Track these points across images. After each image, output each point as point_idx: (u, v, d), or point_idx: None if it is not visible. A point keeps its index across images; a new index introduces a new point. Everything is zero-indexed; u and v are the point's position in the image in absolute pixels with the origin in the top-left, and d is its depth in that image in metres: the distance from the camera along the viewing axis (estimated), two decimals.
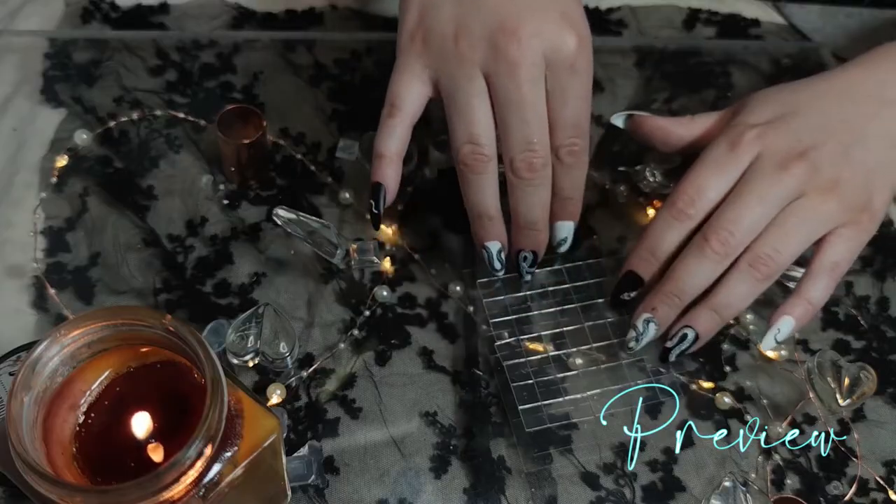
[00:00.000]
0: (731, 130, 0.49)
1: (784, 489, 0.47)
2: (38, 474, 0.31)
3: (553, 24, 0.46)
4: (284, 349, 0.47)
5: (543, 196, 0.48)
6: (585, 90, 0.48)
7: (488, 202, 0.48)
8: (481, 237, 0.49)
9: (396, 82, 0.48)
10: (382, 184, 0.48)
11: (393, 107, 0.48)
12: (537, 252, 0.50)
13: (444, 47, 0.47)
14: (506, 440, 0.47)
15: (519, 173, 0.47)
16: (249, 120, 0.55)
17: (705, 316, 0.48)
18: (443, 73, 0.47)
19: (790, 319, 0.48)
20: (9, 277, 0.51)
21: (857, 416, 0.50)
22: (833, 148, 0.48)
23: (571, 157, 0.48)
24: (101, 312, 0.35)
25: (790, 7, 0.69)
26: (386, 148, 0.48)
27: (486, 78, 0.46)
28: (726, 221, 0.47)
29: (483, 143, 0.47)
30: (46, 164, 0.56)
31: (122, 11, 0.64)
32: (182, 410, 0.36)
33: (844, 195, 0.48)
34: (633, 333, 0.49)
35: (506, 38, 0.45)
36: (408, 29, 0.48)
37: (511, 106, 0.46)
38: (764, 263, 0.47)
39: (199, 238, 0.54)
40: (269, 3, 0.65)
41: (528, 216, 0.48)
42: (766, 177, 0.47)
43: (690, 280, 0.47)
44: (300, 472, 0.45)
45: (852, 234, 0.48)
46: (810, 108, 0.50)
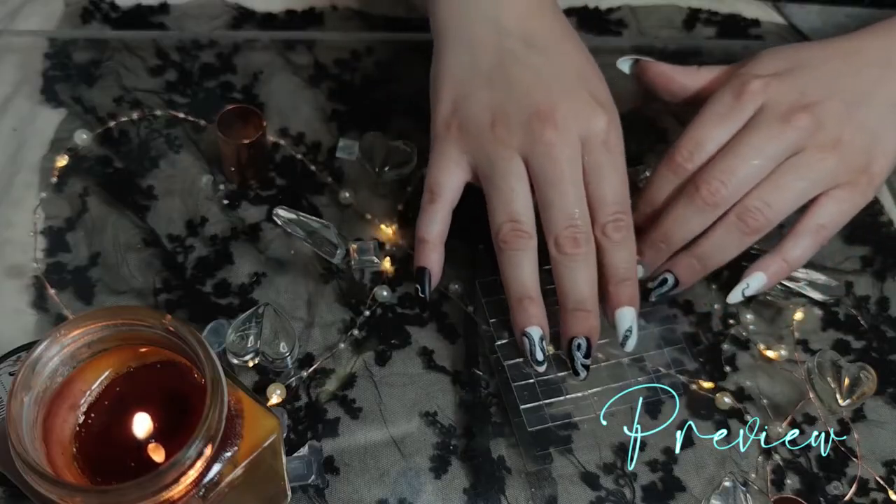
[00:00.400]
0: (736, 80, 0.49)
1: (784, 489, 0.47)
2: (38, 474, 0.31)
3: (584, 105, 0.47)
4: (284, 349, 0.47)
5: (590, 272, 0.47)
6: (621, 166, 0.48)
7: (528, 281, 0.47)
8: (522, 322, 0.47)
9: (435, 169, 0.49)
10: (427, 269, 0.48)
11: (433, 193, 0.48)
12: (591, 339, 0.47)
13: (481, 134, 0.47)
14: (506, 440, 0.47)
15: (563, 249, 0.46)
16: (249, 120, 0.55)
17: (687, 263, 0.49)
18: (481, 157, 0.47)
19: (761, 275, 0.48)
20: (9, 277, 0.51)
21: (857, 416, 0.50)
22: (837, 105, 0.48)
23: (618, 232, 0.47)
24: (101, 312, 0.35)
25: (790, 7, 0.69)
26: (428, 233, 0.48)
27: (524, 162, 0.47)
28: (719, 172, 0.47)
29: (523, 220, 0.46)
30: (46, 164, 0.56)
31: (122, 11, 0.64)
32: (182, 410, 0.36)
33: (844, 154, 0.47)
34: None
35: (542, 122, 0.46)
36: (443, 117, 0.49)
37: (551, 184, 0.46)
38: (752, 217, 0.47)
39: (199, 238, 0.54)
40: (269, 3, 0.65)
41: (576, 294, 0.47)
42: (766, 128, 0.47)
43: (679, 228, 0.48)
44: (300, 472, 0.45)
45: (847, 195, 0.48)
46: (818, 65, 0.50)
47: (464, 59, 0.49)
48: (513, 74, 0.48)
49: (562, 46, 0.50)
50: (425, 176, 0.49)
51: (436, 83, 0.50)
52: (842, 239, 0.57)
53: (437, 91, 0.50)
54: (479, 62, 0.49)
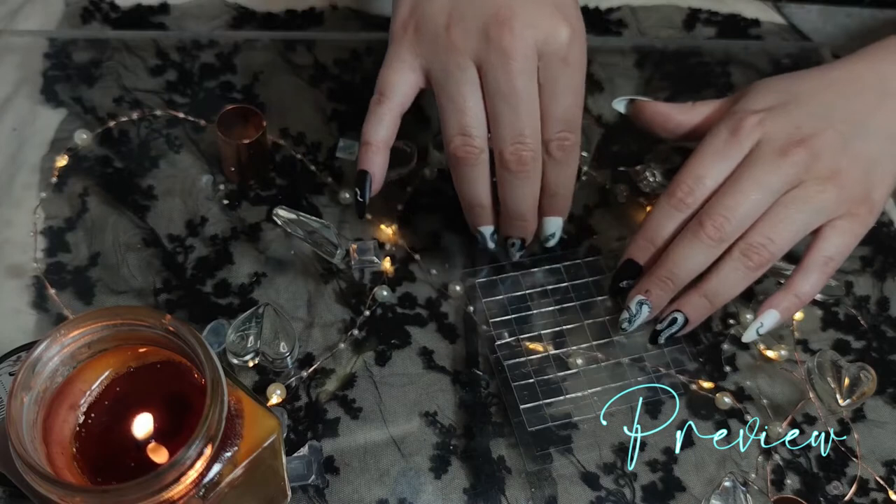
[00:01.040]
0: (732, 117, 0.49)
1: (784, 489, 0.47)
2: (38, 474, 0.31)
3: (546, 15, 0.46)
4: (284, 349, 0.47)
5: (532, 189, 0.48)
6: (578, 83, 0.48)
7: (480, 193, 0.49)
8: (475, 223, 0.51)
9: (386, 71, 0.48)
10: (369, 171, 0.48)
11: (382, 95, 0.48)
12: (525, 240, 0.51)
13: (436, 36, 0.47)
14: (506, 440, 0.47)
15: (508, 166, 0.47)
16: (249, 120, 0.55)
17: (696, 301, 0.48)
18: (434, 62, 0.47)
19: (775, 313, 0.48)
20: (9, 277, 0.51)
21: (857, 416, 0.50)
22: (833, 137, 0.48)
23: (561, 151, 0.47)
24: (101, 312, 0.35)
25: (790, 7, 0.69)
26: (373, 135, 0.48)
27: (477, 68, 0.46)
28: (722, 208, 0.47)
29: (474, 134, 0.46)
30: (46, 164, 0.56)
31: (122, 11, 0.64)
32: (182, 410, 0.36)
33: (843, 185, 0.47)
34: (626, 314, 0.49)
35: (499, 29, 0.45)
36: (400, 18, 0.48)
37: (502, 97, 0.46)
38: (756, 252, 0.47)
39: (199, 238, 0.54)
40: (269, 3, 0.65)
41: (517, 208, 0.48)
42: (764, 163, 0.47)
43: (684, 264, 0.48)
44: (300, 472, 0.45)
45: (849, 226, 0.48)
46: (812, 97, 0.50)
47: None
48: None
49: None
50: (378, 76, 0.48)
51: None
52: None
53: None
54: None
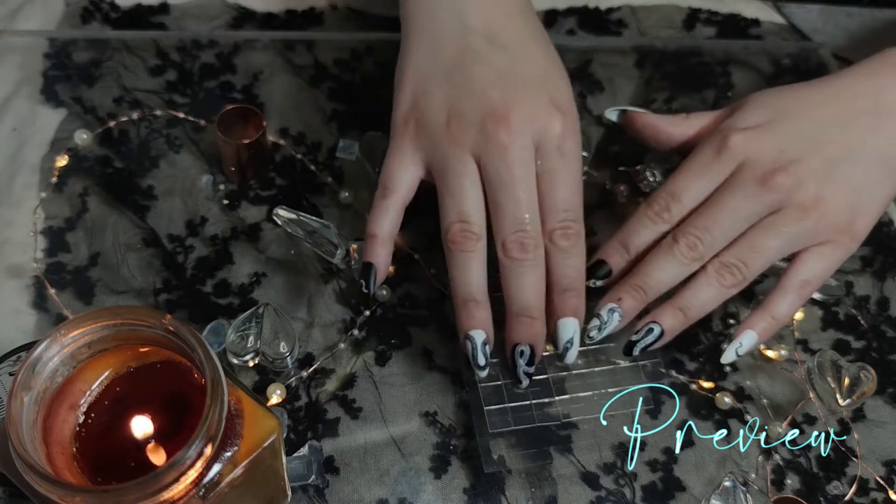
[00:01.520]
0: (718, 134, 0.49)
1: (784, 489, 0.47)
2: (38, 474, 0.31)
3: (542, 109, 0.47)
4: (284, 349, 0.47)
5: (537, 278, 0.46)
6: (575, 173, 0.48)
7: (475, 283, 0.46)
8: (466, 325, 0.46)
9: (390, 165, 0.48)
10: (374, 264, 0.48)
11: (386, 188, 0.48)
12: (535, 347, 0.46)
13: (436, 132, 0.47)
14: (505, 440, 0.47)
15: (511, 254, 0.46)
16: (249, 120, 0.55)
17: (671, 314, 0.47)
18: (435, 156, 0.47)
19: (753, 334, 0.48)
20: (9, 277, 0.51)
21: (857, 416, 0.50)
22: (819, 162, 0.47)
23: (566, 240, 0.46)
24: (101, 312, 0.35)
25: (790, 7, 0.69)
26: (378, 229, 0.48)
27: (477, 162, 0.46)
28: (696, 228, 0.47)
29: (472, 221, 0.46)
30: (46, 164, 0.56)
31: (122, 11, 0.64)
32: (182, 410, 0.36)
33: (825, 214, 0.47)
34: (596, 322, 0.48)
35: (496, 124, 0.46)
36: (401, 113, 0.49)
37: (502, 186, 0.46)
38: (730, 272, 0.47)
39: (199, 238, 0.54)
40: (269, 3, 0.65)
41: (522, 301, 0.46)
42: (743, 190, 0.47)
43: (657, 276, 0.47)
44: (300, 472, 0.45)
45: (828, 252, 0.48)
46: (803, 114, 0.49)
47: (426, 54, 0.49)
48: (472, 72, 0.47)
49: (526, 46, 0.49)
50: (381, 171, 0.49)
51: (399, 77, 0.50)
52: None
53: (398, 85, 0.50)
54: (440, 58, 0.48)
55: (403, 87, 0.49)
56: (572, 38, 0.65)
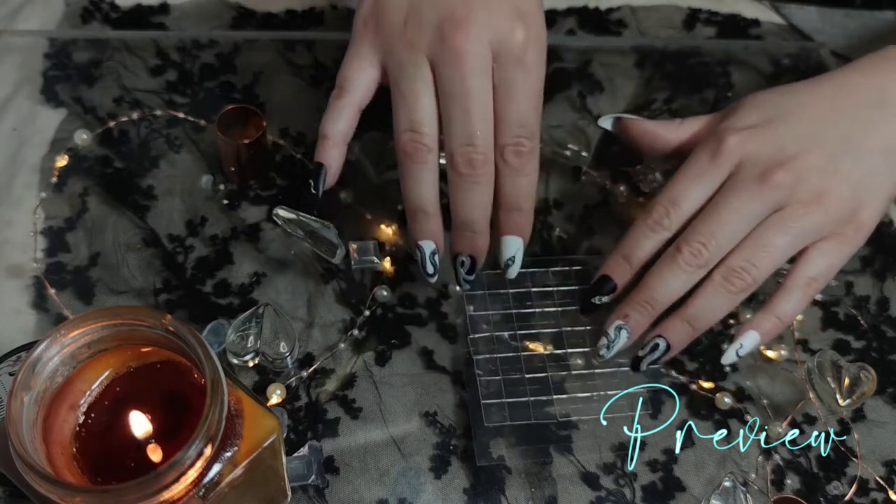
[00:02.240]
0: (713, 137, 0.48)
1: (784, 489, 0.47)
2: (38, 474, 0.31)
3: (504, 16, 0.46)
4: (284, 349, 0.47)
5: (484, 195, 0.46)
6: (535, 87, 0.47)
7: (425, 195, 0.46)
8: (416, 235, 0.47)
9: (346, 66, 0.48)
10: (324, 164, 0.48)
11: (342, 89, 0.48)
12: (475, 258, 0.47)
13: (393, 33, 0.46)
14: (505, 440, 0.47)
15: (458, 168, 0.45)
16: (249, 120, 0.55)
17: (678, 327, 0.47)
18: (390, 58, 0.47)
19: (755, 335, 0.47)
20: (9, 277, 0.51)
21: (857, 416, 0.50)
22: (818, 157, 0.46)
23: (517, 157, 0.46)
24: (101, 312, 0.35)
25: (790, 7, 0.69)
26: (331, 129, 0.48)
27: (432, 67, 0.46)
28: (699, 234, 0.46)
29: (424, 131, 0.46)
30: (46, 164, 0.56)
31: (122, 11, 0.64)
32: (182, 410, 0.36)
33: (829, 207, 0.46)
34: (604, 340, 0.47)
35: (453, 27, 0.45)
36: (362, 13, 0.48)
37: (454, 97, 0.45)
38: (738, 277, 0.46)
39: (199, 238, 0.54)
40: (269, 3, 0.65)
41: (467, 215, 0.46)
42: (743, 190, 0.46)
43: (663, 289, 0.46)
44: (300, 472, 0.45)
45: (834, 247, 0.47)
46: (800, 113, 0.48)
47: None
48: None
49: None
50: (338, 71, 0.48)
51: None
52: None
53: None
54: None
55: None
56: (572, 38, 0.66)
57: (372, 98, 0.49)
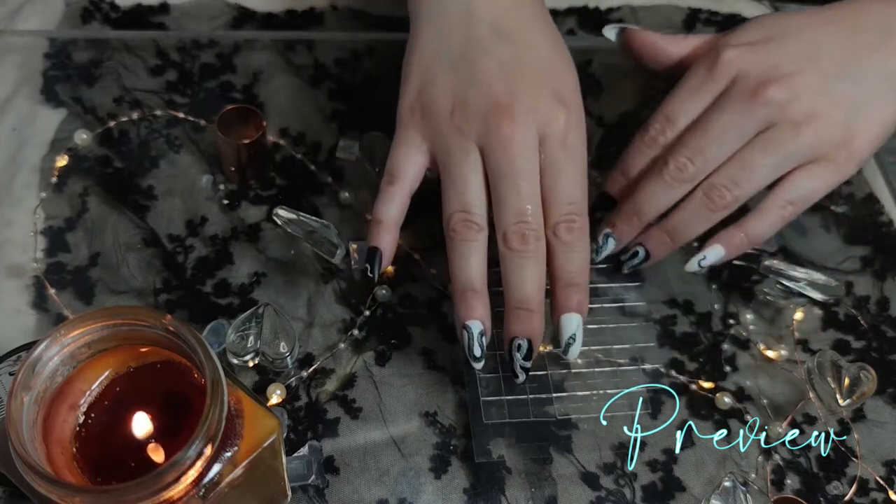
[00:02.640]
0: (712, 51, 0.49)
1: (784, 489, 0.47)
2: (38, 474, 0.31)
3: (545, 101, 0.47)
4: (284, 349, 0.47)
5: (537, 271, 0.45)
6: (579, 166, 0.47)
7: (474, 273, 0.46)
8: (463, 315, 0.45)
9: (395, 153, 0.48)
10: (380, 249, 0.48)
11: (393, 176, 0.48)
12: (532, 341, 0.45)
13: (440, 121, 0.47)
14: (505, 440, 0.47)
15: (511, 244, 0.45)
16: (249, 120, 0.55)
17: (658, 237, 0.49)
18: (439, 145, 0.47)
19: (719, 248, 0.48)
20: (9, 277, 0.51)
21: (857, 416, 0.50)
22: (814, 77, 0.46)
23: (569, 234, 0.46)
24: (101, 312, 0.35)
25: (790, 7, 0.69)
26: (385, 215, 0.48)
27: (480, 153, 0.46)
28: (686, 149, 0.47)
29: (474, 211, 0.46)
30: (46, 164, 0.56)
31: (122, 11, 0.64)
32: (182, 410, 0.36)
33: (820, 129, 0.46)
34: (593, 246, 0.50)
35: (499, 115, 0.45)
36: (407, 102, 0.49)
37: (504, 177, 0.45)
38: (719, 194, 0.47)
39: (199, 238, 0.54)
40: (269, 3, 0.65)
41: (521, 293, 0.45)
42: (734, 106, 0.46)
43: (649, 201, 0.48)
44: (300, 472, 0.45)
45: (821, 171, 0.47)
46: (800, 33, 0.48)
47: (433, 45, 0.49)
48: (477, 63, 0.47)
49: (532, 37, 0.49)
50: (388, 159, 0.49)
51: (406, 66, 0.50)
52: (842, 239, 0.57)
53: (405, 74, 0.50)
54: (447, 48, 0.48)
55: (410, 76, 0.49)
56: (572, 38, 0.66)
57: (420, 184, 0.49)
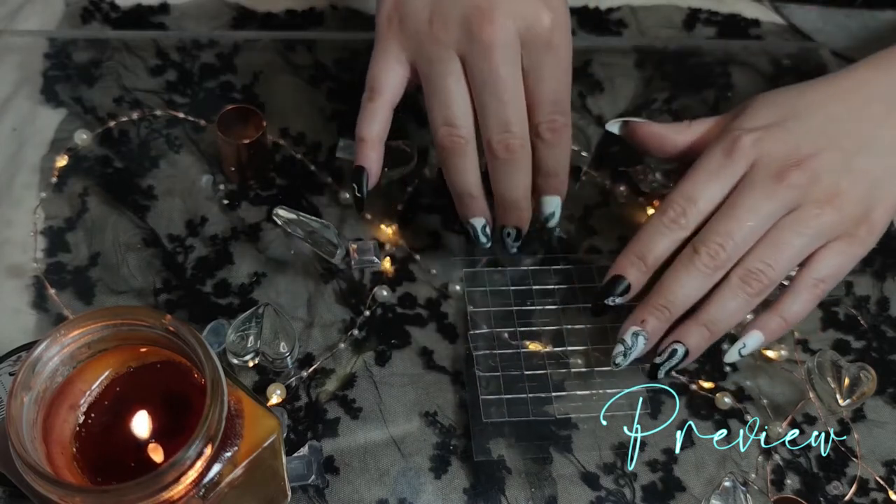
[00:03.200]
0: (727, 136, 0.48)
1: (784, 489, 0.47)
2: (38, 474, 0.31)
3: (527, 3, 0.46)
4: (284, 349, 0.47)
5: (523, 176, 0.48)
6: (563, 66, 0.48)
7: (469, 181, 0.48)
8: (465, 214, 0.50)
9: (375, 66, 0.48)
10: (365, 167, 0.48)
11: (373, 91, 0.48)
12: (520, 228, 0.50)
13: (419, 30, 0.47)
14: (505, 440, 0.47)
15: (497, 154, 0.47)
16: (249, 120, 0.55)
17: (695, 331, 0.46)
18: (419, 55, 0.47)
19: (759, 335, 0.47)
20: (9, 277, 0.51)
21: (857, 416, 0.50)
22: (833, 156, 0.46)
23: (552, 133, 0.47)
24: (101, 312, 0.35)
25: (790, 7, 0.69)
26: (368, 131, 0.48)
27: (461, 60, 0.46)
28: (716, 235, 0.45)
29: (459, 124, 0.47)
30: (46, 164, 0.56)
31: (122, 11, 0.64)
32: (182, 410, 0.36)
33: (843, 207, 0.46)
34: (620, 348, 0.46)
35: (479, 20, 0.45)
36: (385, 13, 0.49)
37: (487, 87, 0.46)
38: (756, 279, 0.45)
39: (199, 238, 0.54)
40: (269, 3, 0.65)
41: (510, 196, 0.48)
42: (760, 189, 0.46)
43: (680, 292, 0.46)
44: (300, 472, 0.45)
45: (845, 247, 0.47)
46: (813, 112, 0.48)
47: None
48: None
49: None
50: (367, 73, 0.49)
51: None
52: None
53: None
54: None
55: None
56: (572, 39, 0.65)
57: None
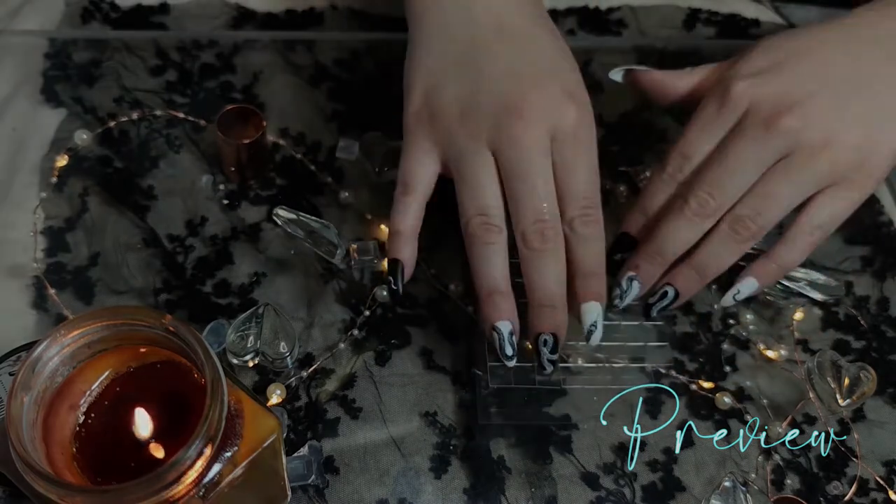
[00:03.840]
0: (721, 84, 0.48)
1: (784, 489, 0.47)
2: (38, 474, 0.31)
3: (554, 97, 0.46)
4: (284, 349, 0.47)
5: (557, 267, 0.46)
6: (591, 160, 0.47)
7: (498, 274, 0.46)
8: (491, 316, 0.46)
9: (406, 161, 0.48)
10: (400, 261, 0.48)
11: (406, 186, 0.48)
12: (557, 335, 0.46)
13: (450, 126, 0.47)
14: (506, 440, 0.47)
15: (531, 244, 0.45)
16: (249, 120, 0.55)
17: (686, 275, 0.48)
18: (450, 150, 0.47)
19: (753, 281, 0.48)
20: (9, 277, 0.51)
21: (857, 416, 0.50)
22: (827, 99, 0.46)
23: (586, 227, 0.46)
24: (101, 312, 0.35)
25: (790, 7, 0.69)
26: (403, 225, 0.48)
27: (493, 155, 0.46)
28: (705, 184, 0.47)
29: (492, 213, 0.46)
30: (46, 164, 0.56)
31: (122, 11, 0.64)
32: (182, 410, 0.36)
33: (836, 152, 0.46)
34: (617, 291, 0.49)
35: (510, 117, 0.45)
36: (414, 108, 0.48)
37: (518, 177, 0.45)
38: (744, 226, 0.46)
39: (199, 238, 0.54)
40: (269, 3, 0.65)
41: (544, 290, 0.46)
42: (749, 137, 0.46)
43: (671, 240, 0.48)
44: (300, 472, 0.45)
45: (843, 193, 0.47)
46: (810, 54, 0.48)
47: (435, 50, 0.49)
48: (482, 65, 0.47)
49: (534, 35, 0.49)
50: (399, 167, 0.49)
51: (408, 74, 0.50)
52: (842, 239, 0.57)
53: (408, 82, 0.49)
54: (449, 52, 0.48)
55: (414, 83, 0.49)
56: (572, 38, 0.65)
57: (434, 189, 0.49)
